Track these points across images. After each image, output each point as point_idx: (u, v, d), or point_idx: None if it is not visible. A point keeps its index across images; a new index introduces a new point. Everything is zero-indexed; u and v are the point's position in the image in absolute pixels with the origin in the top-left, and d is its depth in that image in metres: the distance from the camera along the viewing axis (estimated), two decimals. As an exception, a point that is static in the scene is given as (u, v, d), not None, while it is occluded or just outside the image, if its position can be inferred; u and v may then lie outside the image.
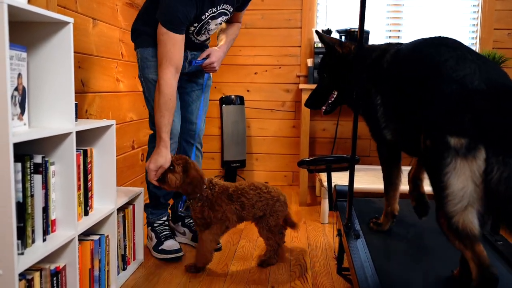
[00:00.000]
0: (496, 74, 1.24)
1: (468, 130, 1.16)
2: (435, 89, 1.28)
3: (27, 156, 1.35)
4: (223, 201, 2.00)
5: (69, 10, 2.19)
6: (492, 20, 3.58)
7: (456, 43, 1.38)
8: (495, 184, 1.10)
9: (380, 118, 1.65)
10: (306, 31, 3.71)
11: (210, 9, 2.01)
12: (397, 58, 1.56)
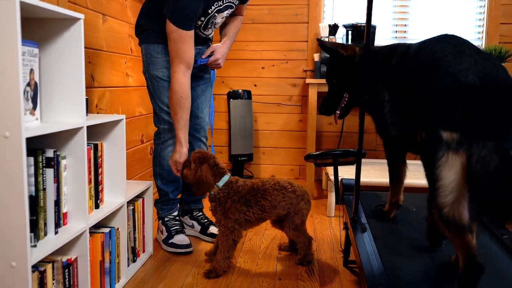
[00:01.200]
0: (493, 68, 1.25)
1: (460, 125, 1.17)
2: (432, 82, 1.29)
3: (39, 150, 1.35)
4: (237, 209, 1.93)
5: (79, 6, 2.19)
6: (499, 15, 3.54)
7: (458, 40, 1.39)
8: (473, 165, 1.12)
9: (387, 114, 1.66)
10: (313, 26, 3.68)
11: (216, 2, 2.00)
12: (405, 57, 1.57)
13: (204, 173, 1.92)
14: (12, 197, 1.21)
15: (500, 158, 1.08)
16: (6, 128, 1.18)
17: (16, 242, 1.22)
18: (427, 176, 1.30)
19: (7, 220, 1.22)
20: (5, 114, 1.18)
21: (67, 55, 1.50)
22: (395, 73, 1.60)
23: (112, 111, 2.57)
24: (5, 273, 1.22)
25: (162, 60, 2.11)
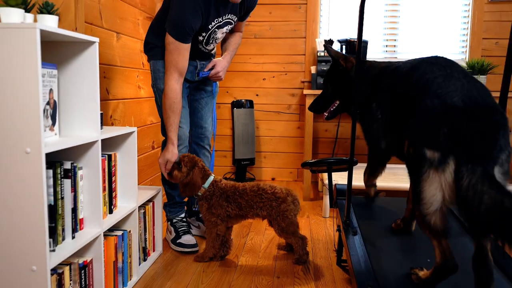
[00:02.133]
0: (477, 92, 1.24)
1: (442, 144, 1.18)
2: (421, 103, 1.29)
3: (57, 163, 1.36)
4: (219, 204, 1.98)
5: (95, 26, 2.20)
6: (481, 30, 3.53)
7: (448, 63, 1.38)
8: (464, 190, 1.12)
9: (378, 129, 1.66)
10: (310, 41, 3.69)
11: (216, 19, 2.01)
12: (397, 76, 1.56)
13: (196, 177, 1.98)
14: (33, 207, 1.22)
15: (492, 190, 1.07)
16: (28, 145, 1.19)
17: (37, 248, 1.23)
18: (412, 186, 1.33)
19: (28, 228, 1.23)
20: (26, 131, 1.19)
21: (84, 75, 1.51)
22: (386, 91, 1.60)
23: (125, 121, 2.58)
24: (26, 277, 1.23)
25: None
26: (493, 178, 1.10)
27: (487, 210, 1.07)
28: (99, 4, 2.24)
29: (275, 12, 3.70)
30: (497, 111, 1.22)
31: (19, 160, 1.19)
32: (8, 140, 1.19)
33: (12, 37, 1.16)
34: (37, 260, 1.23)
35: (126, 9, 2.56)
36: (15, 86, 1.18)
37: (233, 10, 2.07)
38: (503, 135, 1.18)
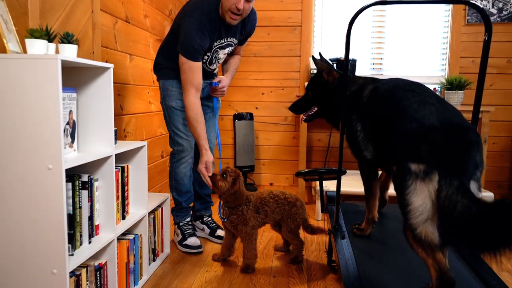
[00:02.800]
0: (451, 113, 1.27)
1: (425, 158, 1.19)
2: (401, 125, 1.30)
3: (76, 176, 1.40)
4: (252, 216, 1.97)
5: (110, 49, 2.24)
6: (459, 50, 3.57)
7: (421, 89, 1.40)
8: (442, 201, 1.12)
9: (361, 141, 1.66)
10: (304, 59, 3.72)
11: (218, 40, 2.05)
12: (375, 95, 1.58)
13: (242, 186, 1.94)
14: (54, 216, 1.25)
15: (465, 199, 1.08)
16: (49, 162, 1.22)
17: (57, 253, 1.26)
18: (399, 202, 1.28)
19: (49, 235, 1.25)
20: (48, 150, 1.22)
21: (100, 96, 1.54)
22: (366, 109, 1.61)
23: (137, 133, 2.61)
24: (48, 279, 1.26)
25: (176, 92, 2.16)
26: (467, 190, 1.11)
27: (459, 216, 1.08)
28: (114, 30, 2.27)
29: (272, 33, 3.74)
30: (471, 130, 1.24)
31: (42, 175, 1.23)
32: (32, 157, 1.22)
33: (36, 66, 1.20)
34: (57, 264, 1.26)
35: (138, 32, 2.60)
36: (39, 109, 1.21)
37: (234, 34, 2.12)
38: (477, 151, 1.20)
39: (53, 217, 1.25)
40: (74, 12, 1.88)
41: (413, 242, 1.21)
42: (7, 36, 1.28)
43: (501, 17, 3.48)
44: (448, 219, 1.11)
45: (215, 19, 2.00)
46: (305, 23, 3.69)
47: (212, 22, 1.99)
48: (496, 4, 3.48)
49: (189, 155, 2.20)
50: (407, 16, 3.64)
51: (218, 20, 2.01)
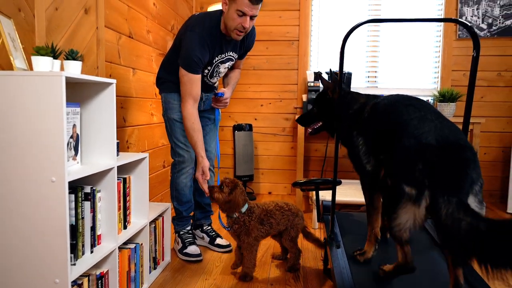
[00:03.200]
0: (449, 131, 1.26)
1: (418, 180, 1.20)
2: (400, 141, 1.30)
3: (79, 188, 1.40)
4: (256, 227, 1.94)
5: (114, 64, 2.25)
6: (451, 63, 3.59)
7: (422, 104, 1.40)
8: (443, 219, 1.13)
9: (362, 156, 1.63)
10: (301, 72, 3.74)
11: (219, 54, 2.06)
12: (376, 110, 1.56)
13: (237, 196, 1.91)
14: (57, 227, 1.25)
15: (467, 216, 1.08)
16: (53, 174, 1.22)
17: (59, 263, 1.25)
18: (387, 210, 1.33)
19: (52, 245, 1.25)
20: (52, 163, 1.22)
21: (103, 110, 1.55)
22: (367, 124, 1.60)
23: (139, 144, 2.62)
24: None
25: (177, 105, 2.16)
26: (467, 206, 1.12)
27: (466, 235, 1.07)
28: (118, 45, 2.29)
29: (271, 48, 3.77)
30: (467, 147, 1.23)
31: (46, 187, 1.23)
32: (36, 170, 1.23)
33: (41, 83, 1.21)
34: (59, 274, 1.25)
35: (141, 47, 2.62)
36: (43, 123, 1.22)
37: (234, 48, 2.13)
38: (473, 169, 1.20)
39: (56, 228, 1.25)
40: (79, 29, 1.90)
41: (391, 234, 1.37)
42: (14, 54, 1.30)
43: (491, 32, 3.50)
44: (454, 238, 1.11)
45: (216, 34, 2.02)
46: (302, 38, 3.72)
47: (213, 37, 2.01)
48: (486, 19, 3.50)
49: (189, 165, 2.20)
50: (400, 31, 3.66)
51: (219, 35, 2.03)
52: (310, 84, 3.44)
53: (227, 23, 1.98)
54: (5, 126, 1.23)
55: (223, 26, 2.02)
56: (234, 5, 1.91)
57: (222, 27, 2.02)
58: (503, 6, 3.47)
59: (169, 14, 3.15)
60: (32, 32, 1.57)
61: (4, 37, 1.26)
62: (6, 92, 1.22)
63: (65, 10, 1.79)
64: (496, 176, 3.66)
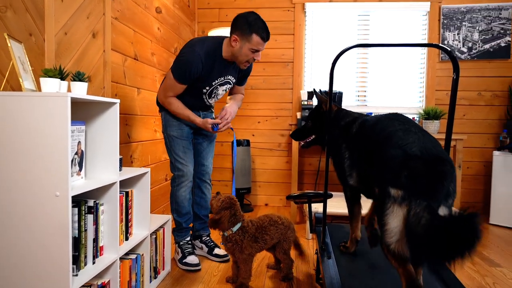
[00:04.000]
0: (431, 144, 1.26)
1: (404, 185, 1.19)
2: (385, 151, 1.30)
3: (83, 201, 1.38)
4: (249, 245, 1.87)
5: (120, 84, 2.26)
6: (434, 84, 3.61)
7: (406, 119, 1.41)
8: (410, 218, 1.13)
9: (347, 168, 1.66)
10: (296, 91, 3.76)
11: (219, 77, 2.07)
12: (364, 126, 1.58)
13: (224, 218, 1.83)
14: (59, 240, 1.23)
15: (429, 215, 1.10)
16: (57, 189, 1.21)
17: (61, 274, 1.23)
18: (378, 221, 1.30)
19: (55, 257, 1.23)
20: (56, 178, 1.21)
21: (107, 128, 1.55)
22: (355, 139, 1.61)
23: (143, 159, 2.61)
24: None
25: (176, 123, 2.16)
26: (432, 208, 1.12)
27: (421, 228, 1.09)
28: (123, 67, 2.30)
29: (268, 68, 3.79)
30: (447, 161, 1.23)
31: (50, 202, 1.21)
32: (41, 185, 1.22)
33: (48, 103, 1.20)
34: (62, 284, 1.23)
35: (145, 69, 2.64)
36: (50, 141, 1.21)
37: (232, 73, 2.14)
38: (450, 181, 1.20)
39: (59, 241, 1.23)
40: (87, 52, 1.91)
41: (388, 254, 1.24)
42: (23, 75, 1.30)
43: (471, 55, 3.54)
44: (413, 231, 1.12)
45: (215, 58, 2.03)
46: (297, 60, 3.74)
47: (211, 59, 2.01)
48: (466, 43, 3.54)
49: (188, 179, 2.19)
50: (388, 53, 3.70)
51: (219, 59, 2.04)
52: (303, 102, 3.45)
53: (238, 57, 2.00)
54: (14, 143, 1.22)
55: (226, 54, 2.02)
56: (247, 44, 1.95)
57: (225, 54, 2.03)
58: (481, 32, 3.51)
59: (172, 37, 3.18)
60: (42, 55, 1.58)
61: (14, 61, 1.26)
62: (15, 111, 1.21)
63: (74, 35, 1.80)
64: (479, 189, 3.65)
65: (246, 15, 1.96)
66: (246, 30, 1.93)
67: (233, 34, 1.97)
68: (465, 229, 1.01)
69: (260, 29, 1.93)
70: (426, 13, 3.61)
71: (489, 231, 3.08)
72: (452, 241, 1.03)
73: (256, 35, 1.93)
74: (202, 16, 3.83)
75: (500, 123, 3.58)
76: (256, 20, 1.93)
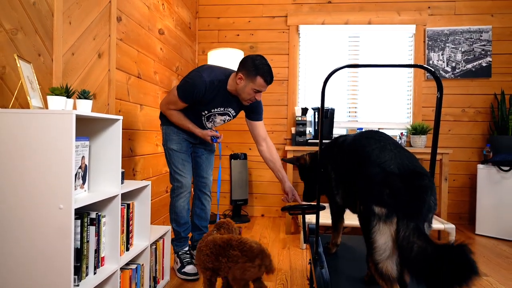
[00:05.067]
0: (407, 160, 1.26)
1: (387, 202, 1.18)
2: (366, 170, 1.30)
3: (85, 213, 1.37)
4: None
5: (124, 101, 2.27)
6: (421, 101, 3.64)
7: (382, 136, 1.41)
8: (400, 241, 1.11)
9: (333, 187, 1.66)
10: (290, 108, 3.78)
11: (219, 107, 2.07)
12: (343, 146, 1.59)
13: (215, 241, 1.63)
14: (62, 251, 1.21)
15: (420, 241, 1.08)
16: (61, 202, 1.20)
17: (63, 284, 1.21)
18: (365, 239, 1.27)
19: (57, 268, 1.22)
20: (61, 191, 1.21)
21: (110, 143, 1.54)
22: (336, 158, 1.62)
23: (144, 172, 2.60)
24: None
25: (176, 137, 2.16)
26: (421, 231, 1.11)
27: (416, 256, 1.07)
28: (127, 84, 2.32)
29: (264, 86, 3.82)
30: (425, 175, 1.24)
31: (54, 214, 1.20)
32: (46, 198, 1.21)
33: (54, 120, 1.21)
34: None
35: (148, 86, 2.65)
36: (55, 156, 1.21)
37: (234, 107, 2.13)
38: (430, 195, 1.19)
39: (62, 252, 1.21)
40: (93, 71, 1.93)
41: (375, 273, 1.20)
42: (31, 94, 1.30)
43: (455, 74, 3.58)
44: (407, 258, 1.10)
45: (220, 89, 2.03)
46: (291, 78, 3.78)
47: (215, 88, 2.02)
48: (450, 63, 3.59)
49: (186, 190, 2.18)
50: (377, 72, 3.74)
51: (223, 91, 2.04)
52: (298, 118, 3.47)
53: (241, 94, 2.01)
54: (20, 157, 1.21)
55: (231, 88, 2.03)
56: (251, 84, 1.96)
57: (229, 88, 2.04)
58: (464, 52, 3.57)
59: (174, 57, 3.21)
60: (50, 74, 1.59)
61: (23, 80, 1.27)
62: (23, 128, 1.21)
63: (80, 55, 1.81)
64: (465, 201, 3.65)
65: (254, 57, 1.96)
66: (252, 71, 1.95)
67: (240, 72, 1.98)
68: (461, 264, 0.97)
69: (266, 73, 1.94)
70: (412, 35, 3.67)
71: (475, 241, 3.07)
72: (449, 274, 0.98)
73: (260, 77, 1.95)
74: (203, 37, 3.88)
75: (484, 138, 3.61)
76: (262, 64, 1.95)
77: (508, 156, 3.11)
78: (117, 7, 2.17)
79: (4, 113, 1.22)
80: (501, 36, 3.56)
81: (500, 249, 2.84)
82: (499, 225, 3.15)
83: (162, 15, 2.91)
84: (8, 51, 1.39)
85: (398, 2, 3.68)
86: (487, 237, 3.18)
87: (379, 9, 3.70)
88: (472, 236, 3.22)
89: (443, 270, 0.98)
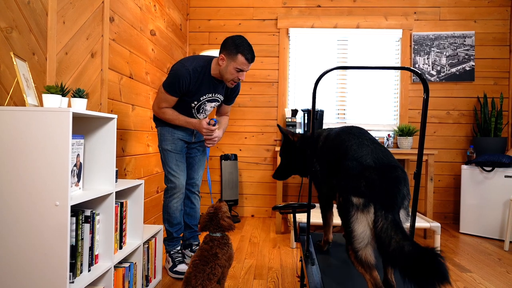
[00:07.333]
0: (382, 154, 1.32)
1: (364, 193, 1.23)
2: (344, 163, 1.35)
3: (80, 211, 1.38)
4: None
5: (116, 101, 2.27)
6: (407, 103, 3.73)
7: (360, 132, 1.46)
8: (378, 231, 1.16)
9: (320, 177, 1.70)
10: (280, 109, 3.83)
11: (207, 94, 2.11)
12: (326, 140, 1.64)
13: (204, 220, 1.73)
14: (58, 247, 1.22)
15: (397, 236, 1.12)
16: (57, 199, 1.21)
17: (58, 281, 1.22)
18: (344, 228, 1.31)
19: (53, 264, 1.22)
20: (57, 188, 1.22)
21: (104, 142, 1.56)
22: (321, 151, 1.67)
23: (136, 172, 2.60)
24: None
25: (170, 138, 2.18)
26: (399, 225, 1.15)
27: (393, 252, 1.11)
28: (119, 85, 2.32)
29: (254, 88, 3.86)
30: (399, 167, 1.30)
31: (50, 211, 1.21)
32: (42, 195, 1.22)
33: (50, 118, 1.22)
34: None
35: (140, 87, 2.66)
36: (51, 153, 1.22)
37: (221, 91, 2.18)
38: (404, 185, 1.25)
39: (58, 248, 1.22)
40: (86, 70, 1.93)
41: (355, 261, 1.25)
42: (27, 92, 1.31)
43: (440, 78, 3.69)
44: (385, 250, 1.14)
45: (204, 75, 2.07)
46: (281, 80, 3.83)
47: (200, 76, 2.05)
48: (435, 67, 3.70)
49: (180, 191, 2.19)
50: (365, 75, 3.82)
51: (208, 77, 2.08)
52: (288, 119, 3.51)
53: (224, 75, 2.04)
54: (17, 154, 1.22)
55: (215, 72, 2.07)
56: (233, 63, 2.00)
57: (213, 72, 2.08)
58: (448, 57, 3.68)
59: (165, 58, 3.22)
60: (44, 73, 1.59)
61: (19, 77, 1.28)
62: (19, 126, 1.22)
63: (74, 54, 1.82)
64: (449, 200, 3.75)
65: (234, 37, 2.02)
66: (232, 50, 1.99)
67: (221, 53, 2.03)
68: (434, 270, 1.01)
69: (246, 50, 1.99)
70: (399, 39, 3.77)
71: (460, 239, 3.16)
72: (422, 277, 1.02)
73: (241, 55, 1.99)
74: (193, 38, 3.90)
75: (467, 139, 3.72)
76: (242, 43, 2.00)
77: (491, 156, 3.22)
78: (110, 8, 2.18)
79: (0, 111, 1.22)
80: (483, 41, 3.69)
81: (483, 247, 2.94)
82: (482, 224, 3.25)
83: (154, 16, 2.92)
84: (3, 50, 1.39)
85: (386, 7, 3.78)
86: (471, 236, 3.28)
87: (367, 13, 3.78)
88: (457, 234, 3.31)
89: (417, 271, 1.03)
